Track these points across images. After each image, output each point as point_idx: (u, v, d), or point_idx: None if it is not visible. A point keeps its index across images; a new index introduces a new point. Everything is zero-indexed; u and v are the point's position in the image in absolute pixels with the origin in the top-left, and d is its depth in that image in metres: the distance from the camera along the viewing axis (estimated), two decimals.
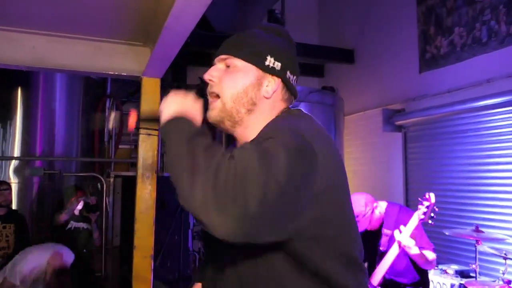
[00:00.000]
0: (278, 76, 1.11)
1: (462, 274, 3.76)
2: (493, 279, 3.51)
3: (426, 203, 2.62)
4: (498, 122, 4.20)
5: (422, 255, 2.58)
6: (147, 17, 1.99)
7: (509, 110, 4.06)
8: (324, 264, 0.97)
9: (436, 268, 3.93)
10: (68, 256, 3.12)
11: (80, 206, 3.62)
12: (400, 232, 2.57)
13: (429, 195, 2.65)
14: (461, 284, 3.40)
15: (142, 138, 2.36)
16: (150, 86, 2.40)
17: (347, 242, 1.03)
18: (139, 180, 2.34)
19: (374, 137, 5.88)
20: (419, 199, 2.70)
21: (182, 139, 0.90)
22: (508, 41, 4.13)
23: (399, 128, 5.42)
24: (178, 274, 3.83)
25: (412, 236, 2.59)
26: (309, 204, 0.90)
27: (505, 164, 4.08)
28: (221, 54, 1.14)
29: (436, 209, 2.65)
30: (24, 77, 4.41)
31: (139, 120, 1.21)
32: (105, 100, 5.06)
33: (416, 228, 2.61)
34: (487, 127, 4.30)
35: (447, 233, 3.37)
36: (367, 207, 2.71)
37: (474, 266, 3.24)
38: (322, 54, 6.61)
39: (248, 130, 1.10)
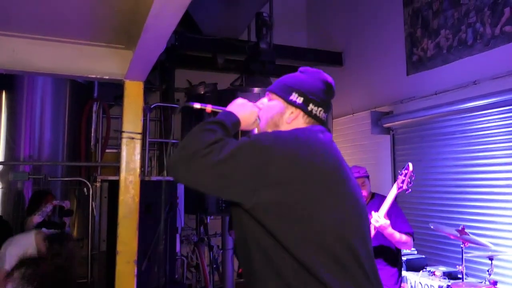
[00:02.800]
0: (297, 107, 1.45)
1: (450, 275, 3.77)
2: (480, 280, 3.52)
3: (404, 171, 2.73)
4: (484, 123, 4.23)
5: (393, 234, 2.67)
6: (128, 19, 1.96)
7: (495, 111, 4.09)
8: (298, 252, 1.19)
9: (424, 270, 3.94)
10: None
11: (49, 208, 3.55)
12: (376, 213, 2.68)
13: (408, 165, 2.75)
14: (448, 285, 3.40)
15: (124, 141, 2.33)
16: (133, 90, 2.37)
17: (321, 234, 1.22)
18: (121, 184, 2.31)
19: (363, 139, 5.89)
20: (399, 171, 2.82)
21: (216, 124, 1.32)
22: (493, 43, 4.17)
23: (387, 130, 5.45)
24: (165, 279, 3.79)
25: (389, 213, 2.70)
26: (262, 187, 1.20)
27: (492, 166, 4.10)
28: (268, 90, 1.55)
29: (413, 177, 2.74)
30: (8, 81, 4.35)
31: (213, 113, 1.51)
32: (92, 103, 5.01)
33: (394, 207, 2.74)
34: (474, 129, 4.33)
35: (432, 227, 3.45)
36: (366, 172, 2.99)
37: (460, 267, 3.26)
38: (311, 57, 6.61)
39: None
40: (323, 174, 1.26)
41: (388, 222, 2.62)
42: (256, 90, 4.75)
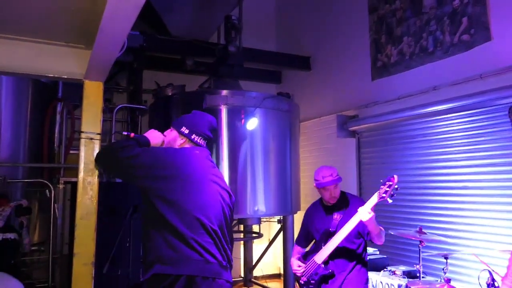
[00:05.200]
0: (184, 136, 2.22)
1: (409, 274, 3.88)
2: (436, 278, 3.65)
3: (389, 183, 2.75)
4: (443, 128, 4.38)
5: (377, 227, 2.83)
6: (86, 19, 1.95)
7: (454, 116, 4.25)
8: (169, 214, 1.94)
9: (385, 269, 4.05)
10: None
11: (9, 211, 3.47)
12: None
13: (393, 176, 2.76)
14: (407, 285, 3.50)
15: (83, 142, 2.31)
16: (92, 90, 2.36)
17: (189, 208, 1.98)
18: (80, 185, 2.29)
19: (329, 143, 6.00)
20: (381, 180, 2.81)
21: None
22: (452, 50, 4.33)
23: (352, 133, 5.56)
24: (128, 282, 3.74)
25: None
26: (150, 177, 1.98)
27: (450, 168, 4.25)
28: (171, 125, 2.27)
29: (397, 188, 2.74)
30: None
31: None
32: (56, 103, 4.90)
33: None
34: (434, 133, 4.48)
35: (392, 233, 3.50)
36: (337, 174, 3.01)
37: (418, 266, 3.36)
38: (279, 61, 6.69)
39: None
40: (192, 176, 2.03)
41: (373, 214, 2.71)
42: (224, 92, 4.77)
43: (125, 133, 2.11)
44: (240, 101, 4.74)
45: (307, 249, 3.26)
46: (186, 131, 2.21)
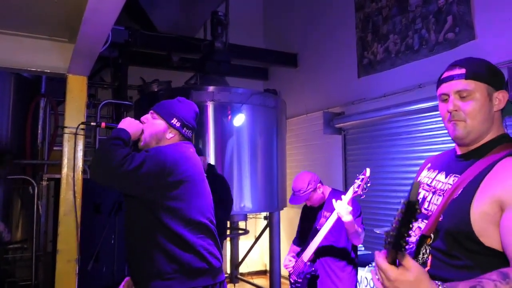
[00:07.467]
0: (175, 129, 1.99)
1: None
2: None
3: (361, 177, 2.70)
4: (428, 125, 4.42)
5: (353, 224, 2.64)
6: (69, 12, 1.92)
7: (438, 114, 4.26)
8: (173, 223, 1.78)
9: (370, 265, 4.08)
10: None
11: None
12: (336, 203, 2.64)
13: (365, 170, 2.72)
14: None
15: (66, 137, 2.27)
16: (76, 84, 2.32)
17: (193, 213, 1.84)
18: (63, 181, 2.25)
19: (316, 139, 6.02)
20: (357, 174, 2.76)
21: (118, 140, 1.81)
22: (437, 49, 4.37)
23: (339, 130, 5.58)
24: (113, 279, 3.71)
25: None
26: (157, 187, 1.77)
27: None
28: (152, 109, 2.03)
29: (369, 183, 2.70)
30: None
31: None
32: (39, 99, 4.81)
33: (353, 207, 2.71)
34: (419, 130, 4.52)
35: (378, 232, 3.52)
36: (309, 185, 2.89)
37: None
38: (266, 57, 6.69)
39: None
40: (194, 177, 1.87)
41: (349, 209, 2.60)
42: (210, 88, 4.75)
43: (94, 123, 1.93)
44: (227, 98, 4.73)
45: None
46: (178, 124, 1.98)
